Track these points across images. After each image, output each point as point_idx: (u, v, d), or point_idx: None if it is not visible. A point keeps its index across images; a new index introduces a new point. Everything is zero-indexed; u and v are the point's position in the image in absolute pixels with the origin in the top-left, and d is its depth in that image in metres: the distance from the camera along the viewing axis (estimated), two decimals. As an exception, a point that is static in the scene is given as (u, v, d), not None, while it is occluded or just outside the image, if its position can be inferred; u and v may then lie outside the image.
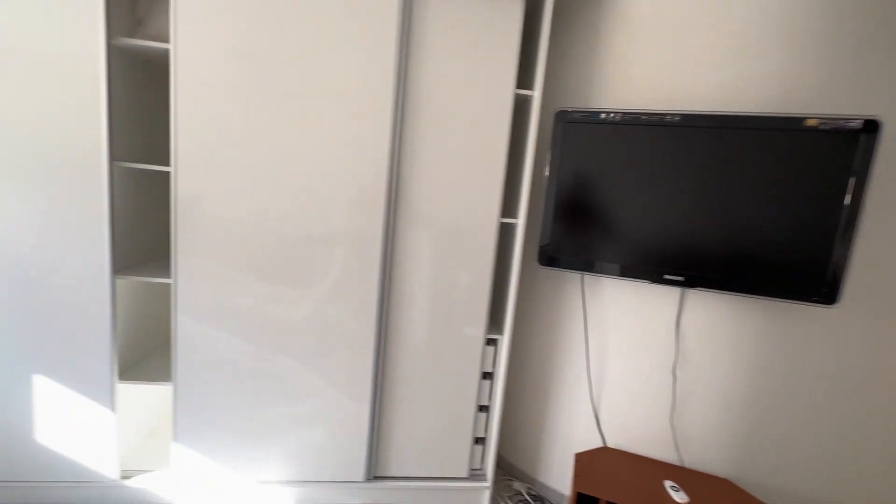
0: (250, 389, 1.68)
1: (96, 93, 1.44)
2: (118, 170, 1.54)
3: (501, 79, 1.59)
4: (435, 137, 1.61)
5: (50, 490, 1.67)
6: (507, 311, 1.76)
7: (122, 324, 1.66)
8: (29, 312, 1.54)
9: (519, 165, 1.74)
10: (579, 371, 1.86)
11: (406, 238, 1.67)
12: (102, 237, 1.52)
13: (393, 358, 1.75)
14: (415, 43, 1.55)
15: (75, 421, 1.63)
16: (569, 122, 1.58)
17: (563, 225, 1.65)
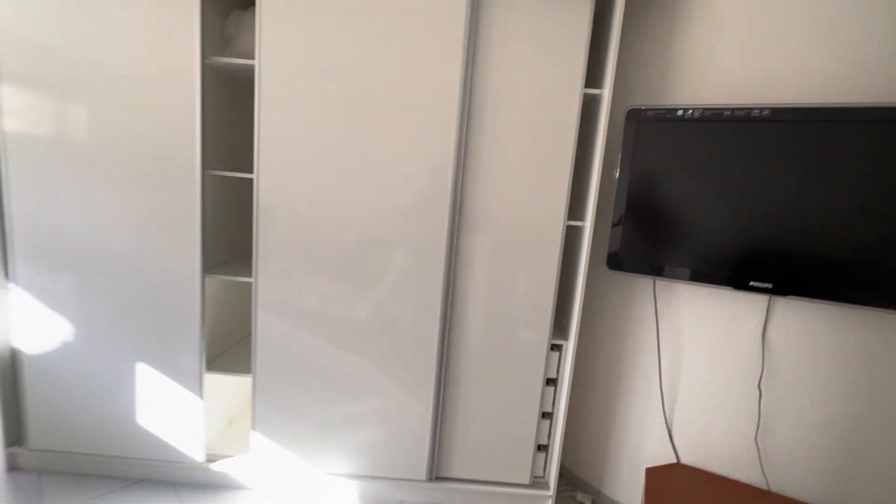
0: (321, 385, 1.76)
1: (192, 108, 1.58)
2: (208, 178, 1.68)
3: (569, 78, 1.56)
4: (500, 140, 1.61)
5: (147, 467, 1.85)
6: (573, 317, 1.72)
7: (208, 319, 1.81)
8: (132, 307, 1.72)
9: (586, 166, 1.69)
10: (650, 381, 1.77)
11: (470, 241, 1.68)
12: (195, 239, 1.67)
13: (455, 360, 1.76)
14: (481, 47, 1.56)
15: (168, 406, 1.79)
16: (642, 120, 1.51)
17: (635, 227, 1.58)
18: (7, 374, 1.77)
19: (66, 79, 1.57)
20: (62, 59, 1.56)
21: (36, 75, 1.57)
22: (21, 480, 1.80)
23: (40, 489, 1.77)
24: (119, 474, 1.86)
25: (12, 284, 1.71)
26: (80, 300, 1.71)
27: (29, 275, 1.70)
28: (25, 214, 1.66)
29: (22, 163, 1.63)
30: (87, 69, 1.57)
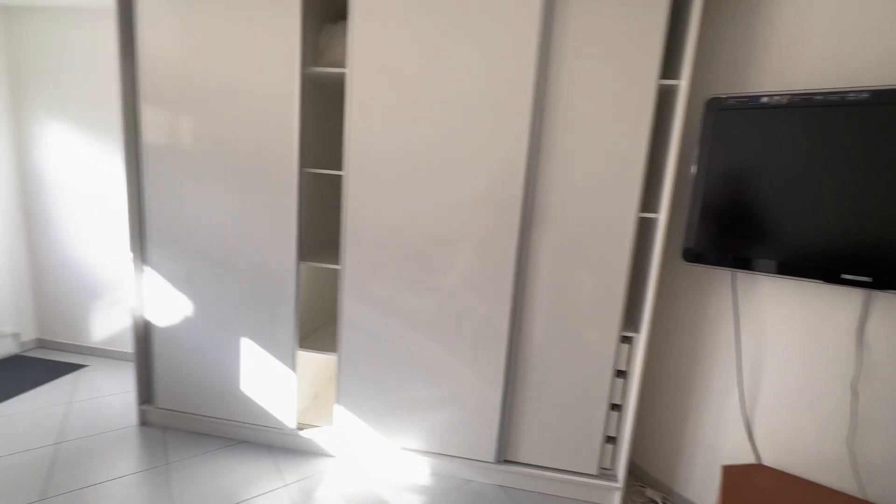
0: (399, 366, 1.90)
1: (292, 114, 1.79)
2: (304, 175, 1.88)
3: (644, 69, 1.57)
4: (572, 134, 1.65)
5: (247, 430, 2.11)
6: (645, 309, 1.71)
7: (300, 302, 2.02)
8: (239, 288, 1.97)
9: (661, 157, 1.68)
10: (728, 378, 1.71)
11: (540, 233, 1.73)
12: (291, 230, 1.88)
13: (525, 347, 1.82)
14: (555, 44, 1.61)
15: (267, 377, 2.03)
16: (722, 108, 1.48)
17: (714, 219, 1.55)
18: (141, 343, 2.10)
19: (189, 95, 1.85)
20: (187, 78, 1.84)
21: (167, 95, 1.86)
22: (150, 433, 2.13)
23: (165, 441, 2.08)
24: (225, 434, 2.13)
25: (147, 267, 2.03)
26: (197, 281, 2.00)
27: (158, 259, 2.01)
28: (156, 209, 1.97)
29: (154, 167, 1.93)
30: (206, 86, 1.83)
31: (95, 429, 2.14)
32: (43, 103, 2.65)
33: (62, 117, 2.65)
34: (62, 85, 2.61)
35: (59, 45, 2.58)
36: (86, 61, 2.56)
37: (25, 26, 2.60)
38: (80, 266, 2.81)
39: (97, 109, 2.60)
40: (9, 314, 2.78)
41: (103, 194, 2.69)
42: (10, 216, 2.75)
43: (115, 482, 1.80)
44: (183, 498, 1.74)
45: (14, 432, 2.07)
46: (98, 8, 2.49)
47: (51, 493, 1.72)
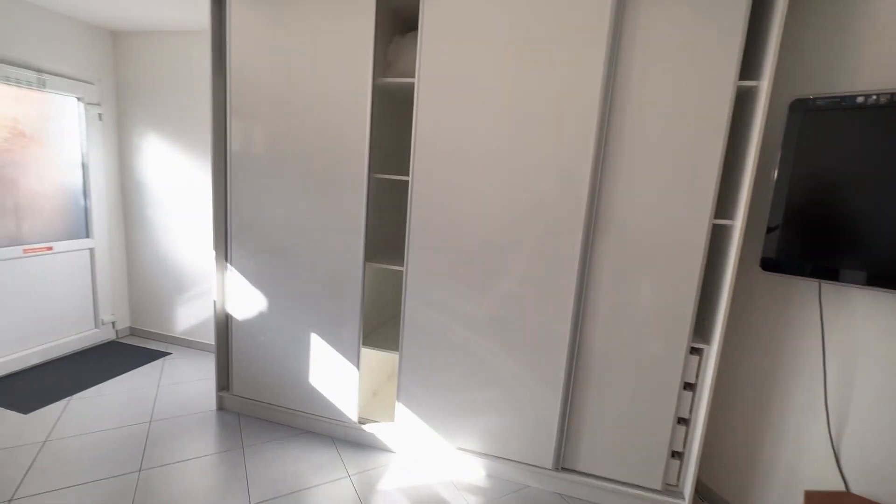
0: (459, 366, 1.94)
1: (363, 122, 1.90)
2: (373, 180, 1.98)
3: (721, 70, 1.51)
4: (640, 139, 1.62)
5: (312, 421, 2.23)
6: (717, 319, 1.64)
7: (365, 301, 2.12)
8: (309, 286, 2.10)
9: (738, 162, 1.61)
10: (812, 396, 1.60)
11: (605, 239, 1.71)
12: (359, 232, 1.98)
13: (587, 354, 1.80)
14: (624, 45, 1.59)
15: (332, 372, 2.14)
16: (809, 110, 1.40)
17: (797, 225, 1.46)
18: (222, 334, 2.29)
19: (270, 108, 2.01)
20: (270, 92, 2.00)
21: (252, 107, 2.03)
22: (226, 418, 2.31)
23: (239, 426, 2.24)
24: (292, 424, 2.27)
25: (229, 265, 2.21)
26: (271, 279, 2.15)
27: (239, 258, 2.18)
28: (238, 211, 2.14)
29: (238, 173, 2.11)
30: (286, 99, 1.98)
31: (180, 411, 2.35)
32: (143, 117, 2.97)
33: (158, 129, 2.95)
34: (160, 100, 2.91)
35: (158, 64, 2.88)
36: (181, 78, 2.84)
37: (130, 48, 2.93)
38: (168, 262, 3.10)
39: (189, 122, 2.87)
40: (107, 304, 3.12)
41: (190, 198, 2.96)
42: (113, 217, 3.09)
43: (198, 460, 1.97)
44: (256, 479, 1.87)
45: (115, 409, 2.32)
46: (194, 31, 2.76)
47: (146, 466, 1.91)
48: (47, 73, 2.62)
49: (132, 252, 3.18)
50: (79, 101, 2.83)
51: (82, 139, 2.87)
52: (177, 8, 2.41)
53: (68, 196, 2.86)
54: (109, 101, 2.98)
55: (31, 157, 2.64)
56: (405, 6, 1.91)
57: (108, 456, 1.95)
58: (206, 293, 3.04)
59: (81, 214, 2.93)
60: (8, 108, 2.51)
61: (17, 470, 1.83)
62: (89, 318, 3.03)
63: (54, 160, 2.76)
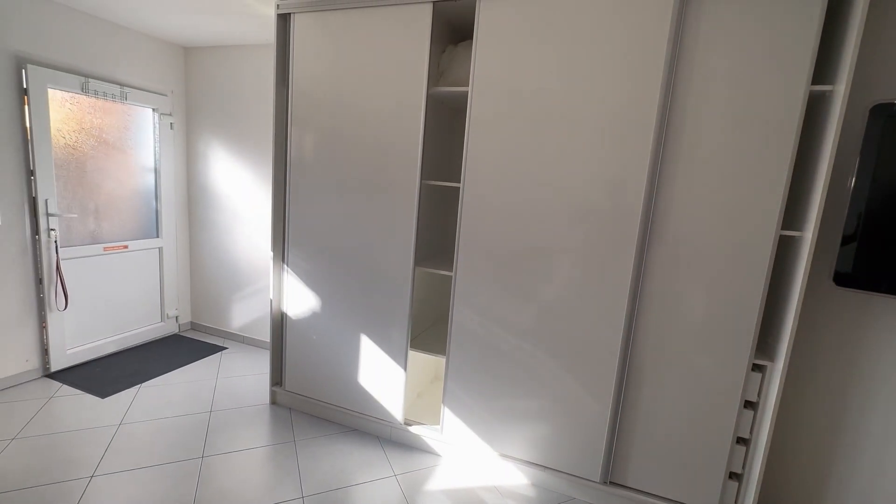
0: (505, 372, 1.95)
1: (417, 130, 1.95)
2: (424, 187, 2.03)
3: (792, 74, 1.44)
4: (700, 146, 1.57)
5: (359, 419, 2.29)
6: (784, 336, 1.55)
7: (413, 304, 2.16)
8: (361, 287, 2.17)
9: (810, 170, 1.53)
10: (890, 418, 1.49)
11: (661, 250, 1.66)
12: (410, 237, 2.03)
13: (639, 366, 1.75)
14: (685, 50, 1.55)
15: (380, 372, 2.19)
16: (893, 115, 1.31)
17: (876, 237, 1.37)
18: (277, 332, 2.40)
19: (329, 116, 2.10)
20: (329, 101, 2.09)
21: (312, 117, 2.14)
22: (278, 412, 2.42)
23: (291, 421, 2.34)
24: (340, 421, 2.35)
25: (285, 265, 2.32)
26: (325, 280, 2.24)
27: (295, 259, 2.29)
28: (295, 215, 2.25)
29: (296, 179, 2.22)
30: (344, 107, 2.07)
31: (237, 403, 2.48)
32: (209, 125, 3.19)
33: (222, 137, 3.15)
34: (224, 110, 3.11)
35: (223, 76, 3.08)
36: (244, 89, 3.03)
37: (199, 62, 3.16)
38: (227, 262, 3.29)
39: (250, 130, 3.05)
40: (172, 299, 3.35)
41: (250, 202, 3.14)
42: (179, 217, 3.32)
43: (254, 451, 2.08)
44: (307, 472, 1.95)
45: (179, 398, 2.49)
46: (256, 45, 2.94)
47: (208, 453, 2.03)
48: (128, 86, 2.86)
49: (195, 251, 3.41)
50: (154, 112, 3.07)
51: (156, 146, 3.12)
52: (243, 23, 2.57)
53: (142, 199, 3.11)
54: (180, 112, 3.22)
55: (112, 164, 2.89)
56: (460, 16, 1.95)
57: (174, 441, 2.10)
58: (260, 291, 3.20)
59: (153, 216, 3.18)
60: (96, 119, 2.77)
61: (98, 448, 2.00)
62: (156, 311, 3.27)
63: (132, 166, 3.01)
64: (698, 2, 1.52)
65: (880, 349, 1.51)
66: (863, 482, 1.55)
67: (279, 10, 2.13)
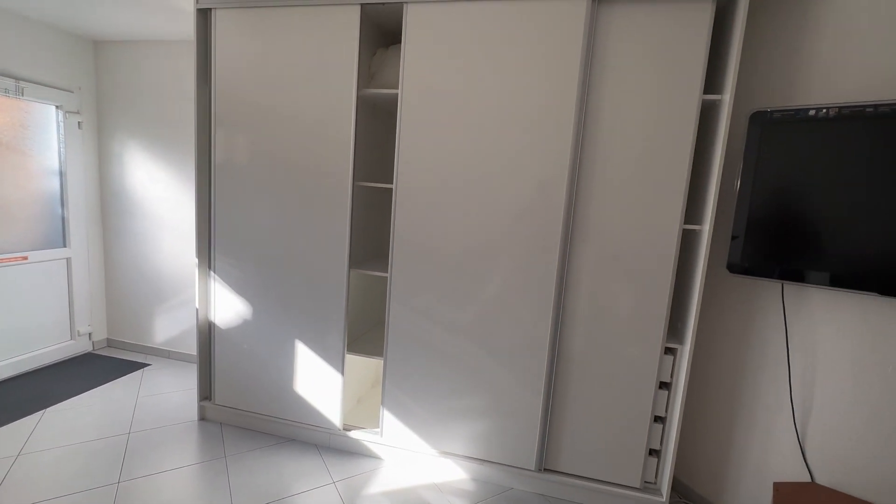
0: (443, 371, 1.97)
1: (348, 132, 1.94)
2: (357, 188, 2.02)
3: (687, 85, 1.61)
4: (614, 149, 1.70)
5: (296, 428, 2.22)
6: (689, 321, 1.72)
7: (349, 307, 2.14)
8: (294, 293, 2.11)
9: (704, 171, 1.71)
10: (778, 392, 1.68)
11: (583, 244, 1.78)
12: (344, 239, 2.01)
13: (567, 357, 1.85)
14: (597, 61, 1.68)
15: (316, 379, 2.14)
16: (768, 122, 1.50)
17: (760, 230, 1.55)
18: (204, 343, 2.27)
19: (255, 117, 2.03)
20: (255, 101, 2.03)
21: (237, 117, 2.06)
22: (208, 428, 2.28)
23: (222, 437, 2.22)
24: (276, 432, 2.26)
25: (212, 273, 2.21)
26: (256, 287, 2.15)
27: (222, 266, 2.18)
28: (222, 220, 2.15)
29: (222, 182, 2.12)
30: (271, 107, 2.01)
31: (160, 422, 2.31)
32: (124, 124, 2.95)
33: (139, 137, 2.93)
34: (141, 108, 2.90)
35: (140, 72, 2.87)
36: (163, 87, 2.84)
37: (112, 57, 2.92)
38: (147, 272, 3.06)
39: (170, 130, 2.86)
40: (84, 315, 3.06)
41: (171, 206, 2.94)
42: (91, 225, 3.04)
43: (179, 471, 1.94)
44: (240, 488, 1.86)
45: (93, 421, 2.27)
46: (175, 41, 2.77)
47: (125, 478, 1.87)
48: (26, 80, 2.59)
49: (110, 261, 3.13)
50: (58, 110, 2.80)
51: (61, 147, 2.84)
52: (159, 17, 2.42)
53: (45, 205, 2.81)
54: (89, 110, 2.95)
55: (7, 166, 2.59)
56: (389, 20, 1.97)
57: (85, 468, 1.91)
58: (187, 302, 3.01)
59: (58, 223, 2.88)
60: (-16, 116, 2.47)
61: (-11, 485, 1.78)
62: (65, 329, 2.96)
63: (32, 168, 2.72)
64: (607, 18, 1.65)
65: (768, 328, 1.71)
66: (758, 448, 1.74)
67: (199, 4, 2.03)
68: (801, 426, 1.63)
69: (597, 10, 1.65)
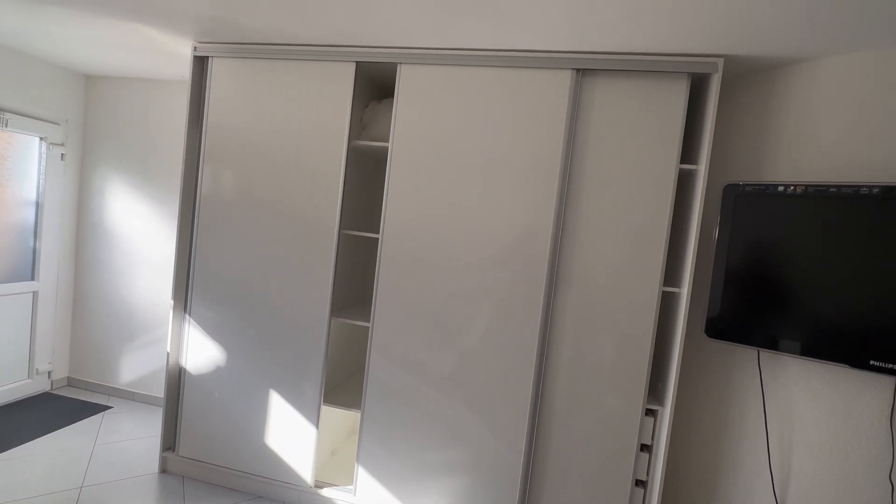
0: (422, 424, 1.92)
1: (337, 181, 1.96)
2: (343, 236, 2.02)
3: (665, 154, 1.69)
4: (597, 207, 1.76)
5: (265, 484, 2.10)
6: (670, 382, 1.72)
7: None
8: (272, 339, 2.05)
9: (683, 236, 1.77)
10: (759, 458, 1.68)
11: (565, 302, 1.80)
12: (326, 286, 1.98)
13: (548, 415, 1.83)
14: (581, 124, 1.76)
15: (289, 431, 2.05)
16: (740, 194, 1.58)
17: (736, 297, 1.60)
18: (173, 388, 2.17)
19: (245, 159, 2.05)
20: (246, 143, 2.04)
21: (226, 157, 2.07)
22: (169, 481, 2.14)
23: (183, 492, 2.08)
24: (242, 488, 2.13)
25: (187, 315, 2.14)
26: (233, 331, 2.09)
27: (199, 308, 2.12)
28: (202, 258, 2.11)
29: (206, 221, 2.10)
30: (262, 151, 2.03)
31: (117, 474, 2.16)
32: (109, 158, 2.92)
33: (124, 172, 2.90)
34: (128, 143, 2.89)
35: (130, 108, 2.88)
36: (152, 124, 2.84)
37: (103, 91, 2.93)
38: (119, 308, 2.94)
39: (157, 166, 2.84)
40: (45, 351, 2.90)
41: (152, 243, 2.87)
42: (63, 257, 2.94)
43: (133, 532, 1.80)
44: (199, 554, 1.73)
45: (41, 473, 2.11)
46: (168, 80, 2.80)
47: (72, 541, 1.72)
48: (10, 112, 2.56)
49: (80, 295, 3.01)
50: (41, 141, 2.77)
51: (40, 178, 2.78)
52: (155, 59, 2.45)
53: (16, 236, 2.72)
54: (74, 142, 2.92)
55: (-20, 196, 2.52)
56: (382, 75, 2.04)
57: (27, 529, 1.76)
58: (158, 341, 2.89)
59: (29, 255, 2.78)
60: (-38, 146, 2.42)
61: (-84, 549, 1.61)
62: (23, 366, 2.80)
63: (6, 199, 2.65)
64: (590, 88, 1.75)
65: (746, 393, 1.73)
66: (739, 515, 1.72)
67: (196, 52, 2.08)
68: (780, 492, 1.62)
69: (580, 81, 1.75)
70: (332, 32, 1.80)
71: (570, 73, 1.73)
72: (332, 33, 1.81)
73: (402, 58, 1.87)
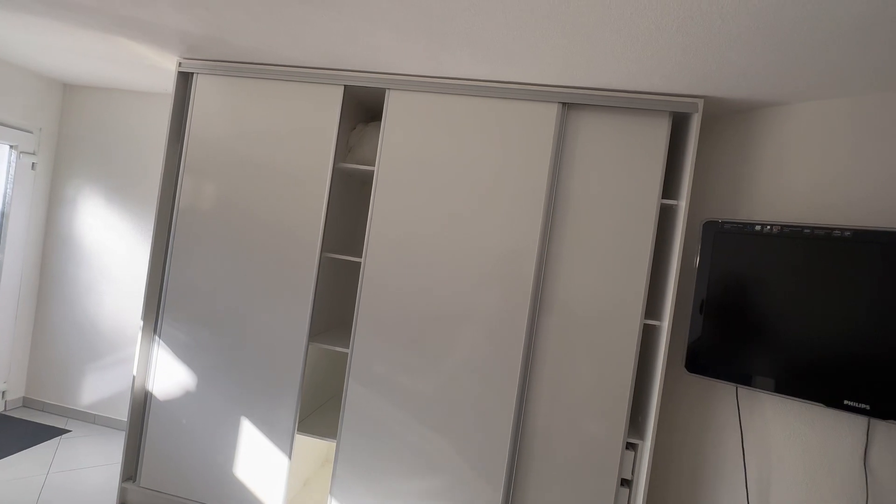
0: (398, 456, 1.86)
1: (320, 203, 1.93)
2: (324, 259, 1.98)
3: (647, 189, 1.72)
4: (581, 237, 1.77)
5: (232, 519, 1.99)
6: (650, 415, 1.72)
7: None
8: (245, 363, 1.97)
9: (664, 269, 1.79)
10: (737, 492, 1.68)
11: (548, 333, 1.79)
12: (305, 311, 1.93)
13: (528, 446, 1.79)
14: (566, 157, 1.78)
15: (260, 461, 1.96)
16: (719, 231, 1.61)
17: (715, 333, 1.61)
18: (137, 413, 2.06)
19: (227, 176, 2.00)
20: (228, 159, 2.00)
21: (208, 172, 2.02)
22: (127, 515, 2.01)
23: (142, 526, 1.96)
24: (207, 522, 2.01)
25: (157, 337, 2.05)
26: (204, 354, 2.01)
27: (169, 328, 2.04)
28: (175, 277, 2.03)
29: (182, 237, 2.03)
30: (244, 169, 1.99)
31: (71, 506, 2.02)
32: (83, 169, 2.83)
33: (98, 183, 2.81)
34: (104, 155, 2.80)
35: (108, 119, 2.80)
36: (131, 136, 2.77)
37: (81, 101, 2.85)
38: (84, 325, 2.81)
39: (133, 179, 2.76)
40: (1, 369, 2.73)
41: (122, 258, 2.77)
42: (27, 270, 2.80)
43: (84, 573, 1.67)
44: None
45: (-15, 506, 1.96)
46: (152, 93, 2.74)
47: (14, 583, 1.59)
48: (-20, 118, 2.47)
49: (43, 311, 2.86)
50: (11, 149, 2.66)
51: (7, 188, 2.67)
52: (137, 72, 2.40)
53: (-23, 247, 2.59)
54: (47, 151, 2.82)
55: (-60, 204, 2.39)
56: (370, 97, 2.03)
57: (-35, 570, 1.61)
58: (123, 362, 2.75)
59: (-11, 268, 2.64)
60: (-76, 152, 2.31)
61: None
62: (-26, 386, 2.63)
63: (-32, 208, 2.52)
64: (575, 122, 1.78)
65: (724, 429, 1.73)
66: (718, 554, 1.70)
67: (181, 67, 2.04)
68: (759, 532, 1.61)
69: (567, 114, 1.78)
70: (320, 54, 1.80)
71: (557, 107, 1.76)
72: (320, 55, 1.81)
73: (390, 84, 1.88)
